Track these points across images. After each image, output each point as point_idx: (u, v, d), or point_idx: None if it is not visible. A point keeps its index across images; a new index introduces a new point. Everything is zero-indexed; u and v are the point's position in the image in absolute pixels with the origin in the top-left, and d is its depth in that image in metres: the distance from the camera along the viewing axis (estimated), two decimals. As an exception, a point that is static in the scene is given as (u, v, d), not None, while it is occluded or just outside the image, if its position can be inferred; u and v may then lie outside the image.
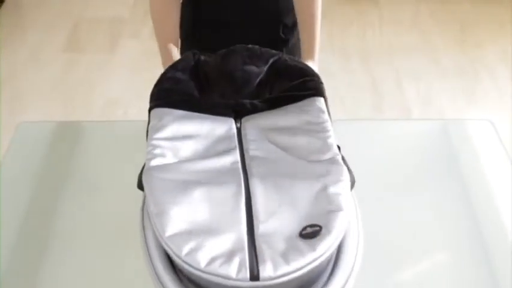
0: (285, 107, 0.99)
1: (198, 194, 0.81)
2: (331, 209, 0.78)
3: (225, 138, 0.95)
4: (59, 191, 1.15)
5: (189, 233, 0.75)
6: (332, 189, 0.81)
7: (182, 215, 0.78)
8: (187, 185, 0.83)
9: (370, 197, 0.89)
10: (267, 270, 0.71)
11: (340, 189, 0.81)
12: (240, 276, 0.71)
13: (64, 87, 2.41)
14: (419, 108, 2.32)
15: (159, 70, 1.04)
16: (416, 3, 2.99)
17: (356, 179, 0.89)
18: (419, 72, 2.54)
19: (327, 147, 0.89)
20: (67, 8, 2.91)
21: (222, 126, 0.96)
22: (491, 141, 1.24)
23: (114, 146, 1.24)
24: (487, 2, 2.98)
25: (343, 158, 0.90)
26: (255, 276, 0.71)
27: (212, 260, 0.72)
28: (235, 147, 0.91)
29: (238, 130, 0.96)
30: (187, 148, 0.91)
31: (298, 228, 0.76)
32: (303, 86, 1.02)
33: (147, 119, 0.97)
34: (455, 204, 1.11)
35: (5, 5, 2.91)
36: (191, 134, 0.94)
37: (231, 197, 0.81)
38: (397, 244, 1.04)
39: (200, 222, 0.78)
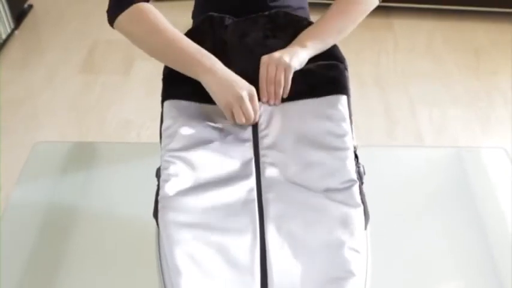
0: (305, 101, 0.99)
1: (213, 252, 0.80)
2: (345, 275, 0.77)
3: (240, 141, 0.95)
4: (72, 210, 1.15)
5: None
6: (347, 248, 0.79)
7: (199, 280, 0.77)
8: (202, 236, 0.82)
9: (383, 223, 0.88)
10: None
11: (356, 244, 0.80)
12: None
13: (79, 108, 2.42)
14: (433, 135, 2.31)
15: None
16: (430, 30, 2.99)
17: (368, 204, 0.88)
18: (433, 99, 2.53)
19: (345, 171, 0.89)
20: (83, 29, 2.95)
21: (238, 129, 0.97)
22: (506, 170, 1.23)
23: (128, 167, 1.24)
24: (501, 30, 2.98)
25: (360, 187, 0.89)
26: None
27: None
28: (252, 172, 0.91)
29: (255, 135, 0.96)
30: (202, 163, 0.90)
31: None
32: (326, 73, 1.01)
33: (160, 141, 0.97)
34: (469, 233, 1.10)
35: (23, 25, 2.95)
36: (205, 139, 0.94)
37: (246, 252, 0.80)
38: (409, 272, 1.02)
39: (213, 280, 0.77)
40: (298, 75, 1.01)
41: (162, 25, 1.03)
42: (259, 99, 1.00)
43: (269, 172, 0.90)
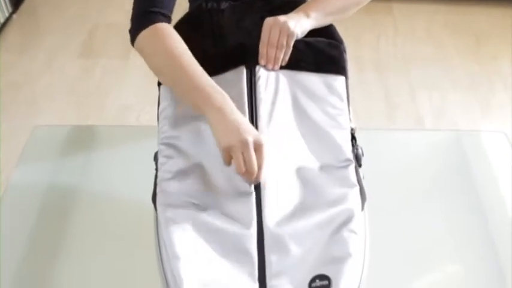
0: (308, 75, 0.98)
1: (211, 236, 0.81)
2: (342, 256, 0.78)
3: None
4: (72, 193, 1.15)
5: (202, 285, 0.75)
6: (344, 228, 0.80)
7: (194, 260, 0.78)
8: (200, 220, 0.82)
9: (382, 207, 0.88)
10: None
11: (353, 225, 0.81)
12: None
13: (78, 92, 2.42)
14: (433, 119, 2.31)
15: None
16: (430, 14, 2.98)
17: (367, 188, 0.89)
18: (433, 83, 2.52)
19: (341, 150, 0.90)
20: (83, 13, 2.93)
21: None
22: (506, 154, 1.23)
23: (127, 150, 1.24)
24: (502, 14, 2.97)
25: (356, 168, 0.89)
26: None
27: None
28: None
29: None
30: (199, 145, 0.90)
31: (308, 276, 0.76)
32: (328, 51, 1.00)
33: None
34: (468, 216, 1.10)
35: (21, 10, 2.93)
36: (202, 120, 0.91)
37: (244, 235, 0.80)
38: (408, 255, 1.03)
39: (214, 269, 0.78)
40: (304, 46, 1.00)
41: (178, 50, 0.94)
42: (258, 63, 0.98)
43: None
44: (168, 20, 1.01)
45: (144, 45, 1.00)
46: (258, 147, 0.83)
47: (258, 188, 0.85)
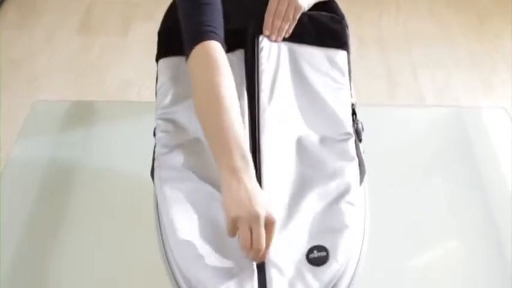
0: (310, 48, 0.98)
1: (207, 206, 0.81)
2: (340, 227, 0.78)
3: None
4: (72, 168, 1.15)
5: (202, 260, 0.75)
6: (342, 200, 0.81)
7: (192, 233, 0.78)
8: (197, 192, 0.82)
9: (382, 183, 0.88)
10: None
11: (351, 197, 0.81)
12: None
13: (78, 69, 2.41)
14: (434, 97, 2.30)
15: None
16: (433, -9, 2.95)
17: (368, 164, 0.89)
18: (435, 61, 2.51)
19: (341, 124, 0.90)
20: (81, -11, 2.91)
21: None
22: (506, 129, 1.23)
23: (127, 125, 1.24)
24: (506, -9, 2.94)
25: (356, 142, 0.89)
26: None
27: None
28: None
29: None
30: (195, 120, 0.88)
31: (306, 247, 0.76)
32: (331, 25, 1.00)
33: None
34: (469, 192, 1.10)
35: (20, -14, 2.91)
36: None
37: None
38: (409, 231, 1.03)
39: (209, 239, 0.78)
40: (307, 19, 1.00)
41: (217, 78, 0.84)
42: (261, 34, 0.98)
43: (267, 116, 0.90)
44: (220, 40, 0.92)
45: (190, 67, 0.90)
46: (268, 224, 0.74)
47: (257, 165, 0.83)
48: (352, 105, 0.95)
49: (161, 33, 1.05)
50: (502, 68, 2.49)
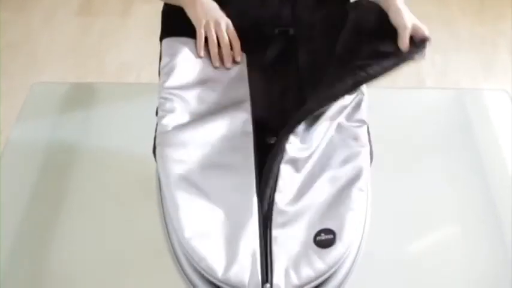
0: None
1: (212, 185, 0.80)
2: (348, 211, 0.78)
3: (237, 80, 0.94)
4: (72, 149, 1.15)
5: (205, 236, 0.75)
6: (353, 186, 0.81)
7: (198, 213, 0.78)
8: (199, 170, 0.82)
9: (383, 165, 0.88)
10: (277, 280, 0.72)
11: (361, 183, 0.81)
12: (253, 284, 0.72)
13: (77, 51, 2.40)
14: (435, 80, 2.29)
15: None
16: (434, -28, 2.93)
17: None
18: (436, 43, 2.49)
19: (359, 110, 0.91)
20: (81, -29, 2.89)
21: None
22: (507, 112, 1.23)
23: (127, 107, 1.24)
24: (508, -27, 2.92)
25: (368, 129, 0.89)
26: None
27: (228, 268, 0.72)
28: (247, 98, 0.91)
29: None
30: (199, 100, 0.90)
31: (314, 230, 0.76)
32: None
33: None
34: (469, 174, 1.10)
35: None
36: (203, 77, 0.93)
37: (244, 186, 0.80)
38: (409, 214, 1.03)
39: (215, 218, 0.78)
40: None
41: None
42: None
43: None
44: None
45: None
46: (228, 26, 0.97)
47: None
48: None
49: (165, 13, 1.05)
50: (503, 50, 2.47)
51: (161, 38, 1.01)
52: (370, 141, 0.89)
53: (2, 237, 0.98)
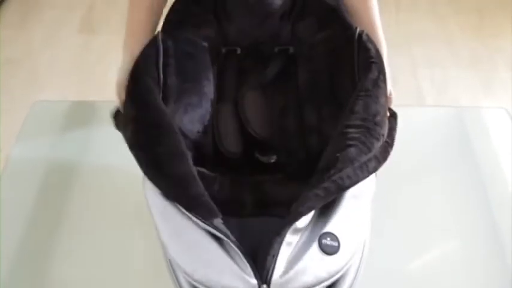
0: None
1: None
2: (355, 222, 0.77)
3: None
4: (72, 168, 1.15)
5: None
6: (362, 198, 0.79)
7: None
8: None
9: (382, 182, 0.88)
10: (276, 278, 0.70)
11: (367, 194, 0.80)
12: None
13: (79, 68, 2.41)
14: (434, 97, 2.30)
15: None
16: (433, -10, 2.96)
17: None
18: (435, 60, 2.51)
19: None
20: (82, -12, 2.91)
21: None
22: (507, 130, 1.23)
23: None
24: (506, -9, 2.94)
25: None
26: (266, 282, 0.70)
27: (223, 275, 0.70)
28: None
29: None
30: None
31: (319, 231, 0.74)
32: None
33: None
34: (469, 192, 1.10)
35: (21, -15, 2.91)
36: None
37: None
38: (408, 229, 1.03)
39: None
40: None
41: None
42: None
43: None
44: None
45: None
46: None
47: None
48: None
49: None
50: (502, 67, 2.49)
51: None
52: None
53: (2, 255, 0.98)
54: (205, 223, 0.73)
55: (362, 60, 0.93)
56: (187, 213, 0.75)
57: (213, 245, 0.73)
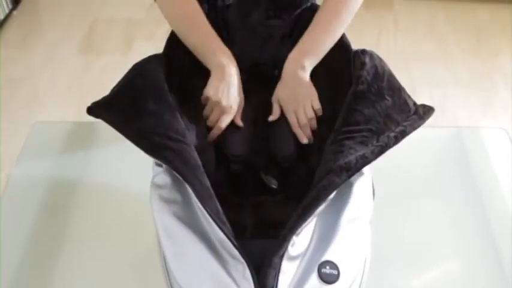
0: None
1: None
2: (354, 247, 0.77)
3: None
4: (73, 189, 1.15)
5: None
6: (360, 222, 0.80)
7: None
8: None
9: (382, 202, 0.88)
10: None
11: (364, 217, 0.81)
12: None
13: (79, 88, 2.42)
14: (433, 116, 2.31)
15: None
16: (432, 10, 2.98)
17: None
18: (434, 80, 2.52)
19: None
20: (83, 8, 2.93)
21: None
22: (506, 150, 1.23)
23: (128, 147, 1.24)
24: (503, 10, 2.96)
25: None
26: None
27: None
28: None
29: None
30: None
31: (318, 259, 0.75)
32: None
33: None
34: (468, 212, 1.10)
35: (22, 4, 2.93)
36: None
37: None
38: (408, 250, 1.03)
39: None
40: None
41: (192, 13, 1.03)
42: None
43: None
44: None
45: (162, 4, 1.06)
46: (225, 111, 0.97)
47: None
48: None
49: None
50: (501, 86, 2.50)
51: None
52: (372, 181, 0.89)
53: (3, 275, 0.98)
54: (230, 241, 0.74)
55: (356, 76, 0.96)
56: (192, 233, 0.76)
57: (217, 267, 0.73)
